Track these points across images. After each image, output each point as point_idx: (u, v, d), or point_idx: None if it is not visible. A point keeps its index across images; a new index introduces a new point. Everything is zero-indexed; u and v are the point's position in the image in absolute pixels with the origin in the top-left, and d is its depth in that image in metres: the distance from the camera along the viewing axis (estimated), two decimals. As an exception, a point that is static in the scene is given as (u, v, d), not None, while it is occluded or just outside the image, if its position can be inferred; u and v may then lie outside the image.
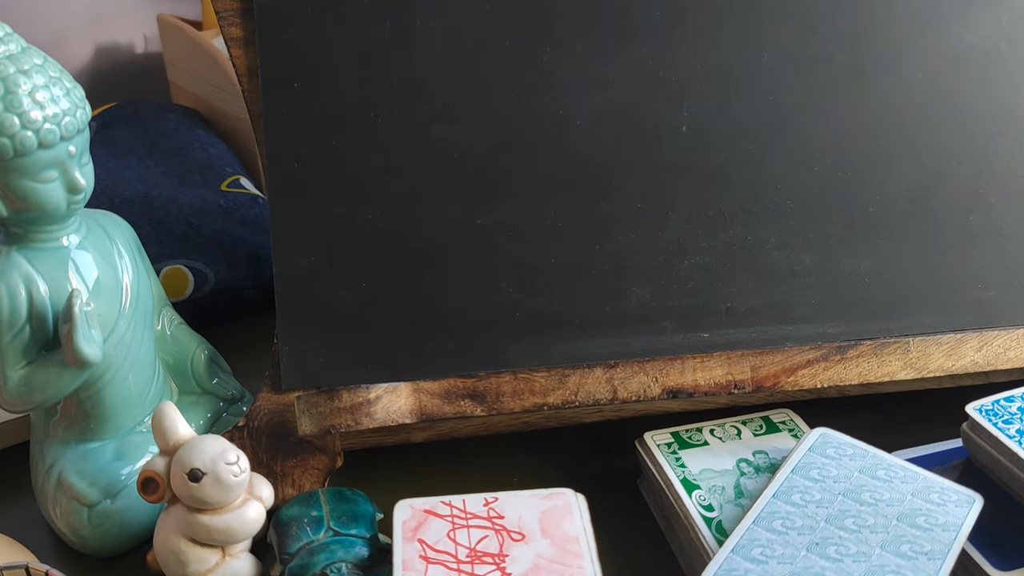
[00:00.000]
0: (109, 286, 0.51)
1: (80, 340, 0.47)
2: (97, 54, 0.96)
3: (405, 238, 0.50)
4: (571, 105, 0.51)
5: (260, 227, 0.70)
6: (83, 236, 0.51)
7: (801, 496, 0.47)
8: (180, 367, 0.57)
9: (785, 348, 0.52)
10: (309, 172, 0.50)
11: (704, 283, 0.52)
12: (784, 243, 0.52)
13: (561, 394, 0.51)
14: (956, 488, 0.47)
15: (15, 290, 0.48)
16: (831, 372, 0.52)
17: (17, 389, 0.49)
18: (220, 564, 0.47)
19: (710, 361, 0.52)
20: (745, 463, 0.51)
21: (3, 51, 0.46)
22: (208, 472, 0.45)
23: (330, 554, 0.46)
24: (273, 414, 0.51)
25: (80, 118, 0.48)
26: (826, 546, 0.44)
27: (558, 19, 0.50)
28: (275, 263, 0.50)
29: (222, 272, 0.68)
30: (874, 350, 0.53)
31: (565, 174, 0.51)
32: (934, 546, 0.44)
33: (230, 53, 0.50)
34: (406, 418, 0.50)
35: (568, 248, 0.51)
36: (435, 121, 0.50)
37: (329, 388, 0.49)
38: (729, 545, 0.44)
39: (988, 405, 0.50)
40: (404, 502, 0.46)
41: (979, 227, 0.54)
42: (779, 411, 0.55)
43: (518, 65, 0.50)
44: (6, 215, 0.48)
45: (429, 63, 0.50)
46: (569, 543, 0.44)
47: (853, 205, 0.53)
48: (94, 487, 0.50)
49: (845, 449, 0.50)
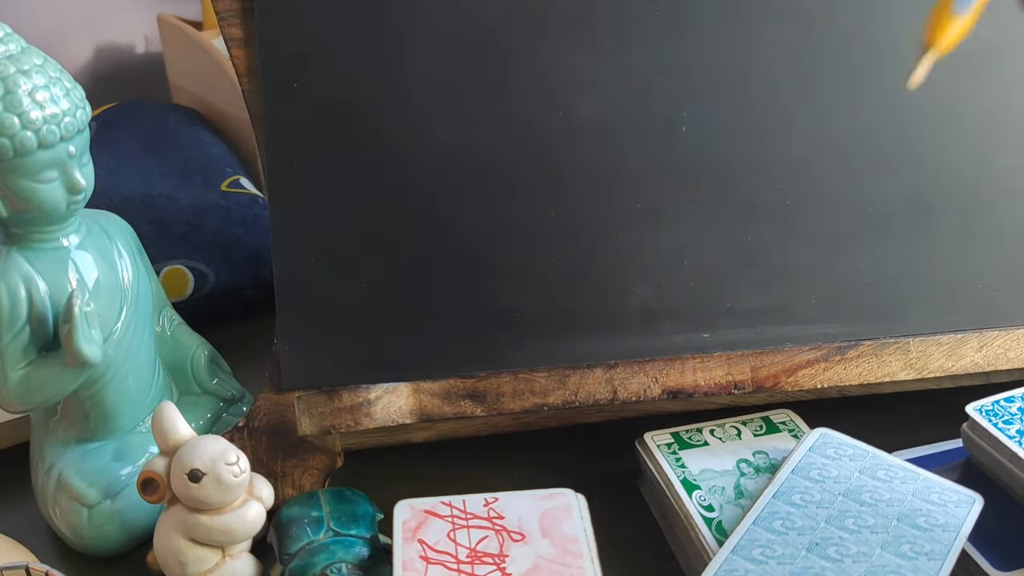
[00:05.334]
0: (109, 286, 0.51)
1: (80, 340, 0.47)
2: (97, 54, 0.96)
3: (405, 238, 0.50)
4: (571, 105, 0.51)
5: (260, 227, 0.70)
6: (83, 236, 0.51)
7: (801, 496, 0.47)
8: (180, 367, 0.57)
9: (785, 348, 0.52)
10: (309, 172, 0.50)
11: (704, 283, 0.52)
12: (784, 243, 0.52)
13: (561, 394, 0.51)
14: (956, 488, 0.47)
15: (15, 290, 0.48)
16: (831, 372, 0.52)
17: (17, 389, 0.49)
18: (220, 564, 0.47)
19: (710, 361, 0.52)
20: (745, 463, 0.51)
21: (3, 51, 0.46)
22: (208, 472, 0.45)
23: (330, 554, 0.46)
24: (273, 414, 0.51)
25: (80, 118, 0.48)
26: (826, 546, 0.44)
27: (558, 19, 0.50)
28: (275, 263, 0.50)
29: (222, 272, 0.68)
30: (874, 350, 0.53)
31: (565, 174, 0.51)
32: (934, 546, 0.44)
33: (230, 53, 0.50)
34: (406, 418, 0.50)
35: (568, 248, 0.51)
36: (435, 121, 0.50)
37: (329, 388, 0.49)
38: (729, 545, 0.44)
39: (988, 405, 0.50)
40: (404, 502, 0.46)
41: (979, 227, 0.54)
42: (779, 411, 0.55)
43: (518, 65, 0.50)
44: (6, 215, 0.48)
45: (429, 63, 0.50)
46: (569, 543, 0.44)
47: (853, 205, 0.53)
48: (94, 487, 0.50)
49: (845, 449, 0.50)
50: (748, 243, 0.52)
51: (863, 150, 0.52)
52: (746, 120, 0.52)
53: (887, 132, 0.53)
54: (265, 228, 0.70)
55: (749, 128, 0.52)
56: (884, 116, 0.53)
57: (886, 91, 0.52)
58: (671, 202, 0.51)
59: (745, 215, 0.52)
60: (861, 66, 0.52)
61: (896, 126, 0.53)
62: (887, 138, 0.53)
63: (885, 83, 0.52)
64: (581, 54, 0.50)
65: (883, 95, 0.52)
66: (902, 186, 0.53)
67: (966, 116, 0.53)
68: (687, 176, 0.51)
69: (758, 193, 0.52)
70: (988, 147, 0.53)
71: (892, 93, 0.52)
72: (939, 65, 0.51)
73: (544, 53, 0.50)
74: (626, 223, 0.51)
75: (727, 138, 0.52)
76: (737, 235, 0.52)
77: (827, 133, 0.52)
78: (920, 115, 0.53)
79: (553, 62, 0.50)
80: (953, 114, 0.53)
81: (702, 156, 0.51)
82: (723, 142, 0.52)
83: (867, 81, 0.52)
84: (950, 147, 0.53)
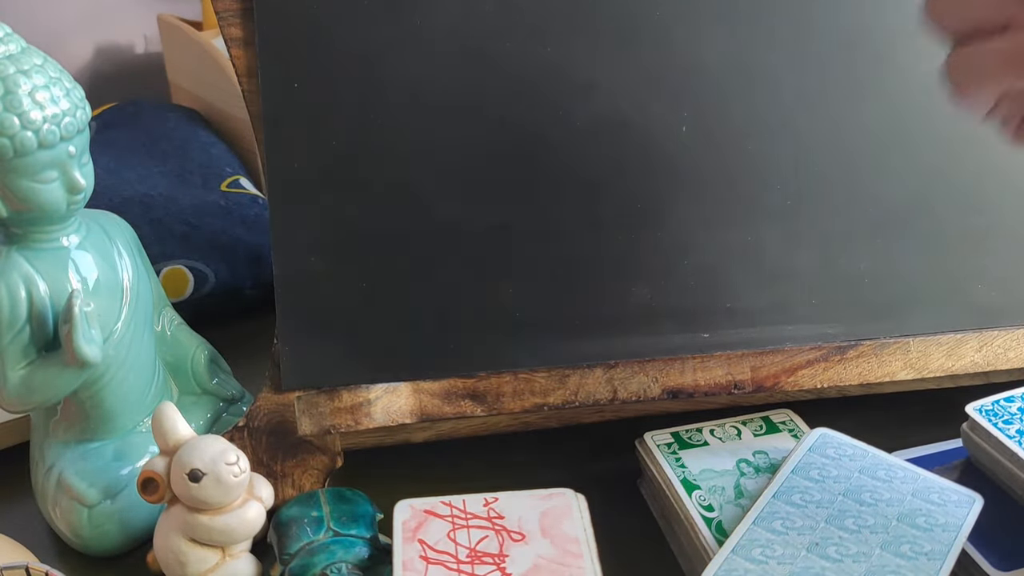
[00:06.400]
0: (109, 286, 0.51)
1: (80, 340, 0.47)
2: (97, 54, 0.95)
3: (405, 238, 0.50)
4: (571, 105, 0.50)
5: (260, 227, 0.70)
6: (83, 236, 0.51)
7: (801, 496, 0.47)
8: (180, 367, 0.57)
9: (785, 348, 0.52)
10: (309, 172, 0.49)
11: (704, 283, 0.52)
12: (784, 243, 0.52)
13: (561, 394, 0.51)
14: (956, 488, 0.47)
15: (15, 290, 0.48)
16: (831, 372, 0.52)
17: (17, 389, 0.49)
18: (220, 564, 0.47)
19: (710, 361, 0.52)
20: (745, 463, 0.51)
21: (3, 51, 0.46)
22: (208, 472, 0.45)
23: (330, 554, 0.46)
24: (273, 414, 0.51)
25: (80, 118, 0.48)
26: (826, 546, 0.44)
27: (558, 19, 0.50)
28: (275, 263, 0.50)
29: (222, 272, 0.68)
30: (874, 350, 0.53)
31: (565, 174, 0.51)
32: (934, 546, 0.44)
33: (230, 53, 0.50)
34: (406, 418, 0.50)
35: (568, 248, 0.51)
36: (435, 121, 0.50)
37: (329, 388, 0.49)
38: (729, 545, 0.44)
39: (988, 405, 0.50)
40: (404, 502, 0.46)
41: (979, 227, 0.54)
42: (779, 411, 0.55)
43: (518, 65, 0.50)
44: (6, 215, 0.48)
45: (429, 63, 0.50)
46: (569, 543, 0.44)
47: (853, 205, 0.53)
48: (94, 487, 0.50)
49: (845, 449, 0.50)
50: (748, 243, 0.52)
51: (863, 150, 0.52)
52: (746, 120, 0.52)
53: (887, 132, 0.53)
54: (265, 228, 0.70)
55: (749, 128, 0.52)
56: (884, 116, 0.53)
57: (886, 91, 0.52)
58: (671, 202, 0.51)
59: (745, 215, 0.52)
60: (861, 66, 0.52)
61: (896, 126, 0.53)
62: (887, 138, 0.53)
63: (885, 83, 0.52)
64: (581, 54, 0.50)
65: (883, 95, 0.52)
66: (902, 186, 0.53)
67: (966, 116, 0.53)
68: (687, 176, 0.51)
69: (758, 193, 0.52)
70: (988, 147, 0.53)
71: (892, 93, 0.52)
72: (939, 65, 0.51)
73: (544, 53, 0.50)
74: (626, 223, 0.51)
75: (727, 138, 0.52)
76: (737, 235, 0.52)
77: (827, 133, 0.52)
78: (920, 115, 0.53)
79: (553, 62, 0.50)
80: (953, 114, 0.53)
81: (702, 156, 0.51)
82: (723, 142, 0.52)
83: (867, 81, 0.52)
84: (950, 147, 0.53)
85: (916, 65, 0.53)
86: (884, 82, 0.52)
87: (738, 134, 0.52)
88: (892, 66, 0.52)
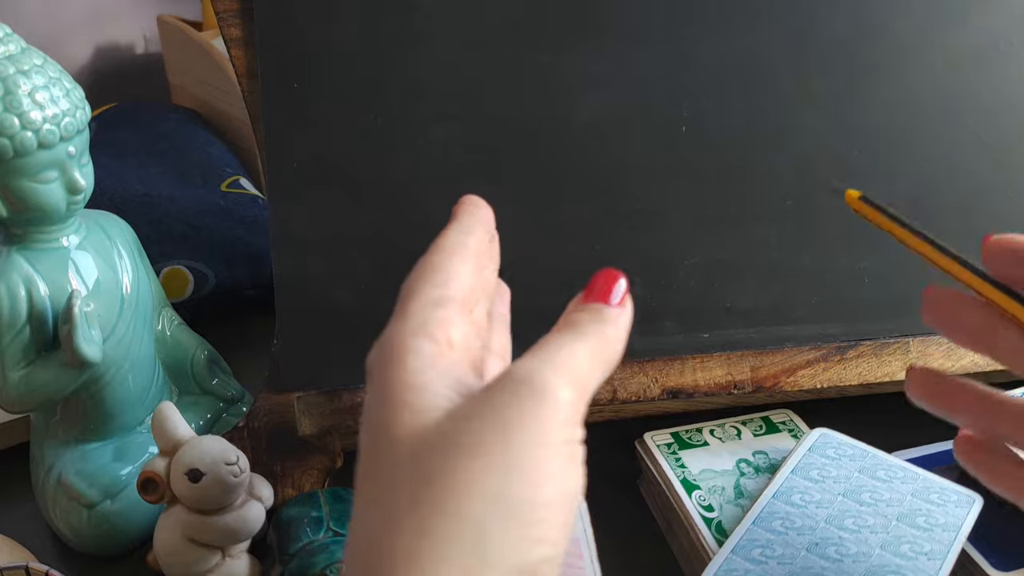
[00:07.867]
0: (109, 286, 0.51)
1: (80, 340, 0.47)
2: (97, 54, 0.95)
3: (405, 238, 0.50)
4: (571, 105, 0.50)
5: (260, 227, 0.70)
6: (83, 237, 0.51)
7: (801, 496, 0.47)
8: (180, 367, 0.57)
9: (785, 348, 0.52)
10: (309, 173, 0.50)
11: (704, 283, 0.52)
12: (784, 243, 0.52)
13: (561, 394, 0.51)
14: (956, 488, 0.47)
15: (15, 291, 0.48)
16: (831, 372, 0.52)
17: (17, 390, 0.49)
18: (220, 564, 0.47)
19: (710, 361, 0.52)
20: (745, 463, 0.51)
21: (3, 51, 0.46)
22: (208, 472, 0.45)
23: (330, 554, 0.46)
24: (273, 414, 0.51)
25: (80, 119, 0.48)
26: (826, 546, 0.44)
27: (558, 19, 0.50)
28: (275, 263, 0.50)
29: (222, 272, 0.68)
30: (874, 350, 0.53)
31: (565, 174, 0.51)
32: (934, 546, 0.44)
33: (230, 53, 0.50)
34: (406, 418, 0.50)
35: (568, 248, 0.51)
36: (435, 121, 0.50)
37: (329, 388, 0.49)
38: (729, 545, 0.44)
39: (988, 405, 0.50)
40: (404, 502, 0.46)
41: (979, 227, 0.54)
42: (779, 411, 0.55)
43: (518, 65, 0.50)
44: (6, 216, 0.48)
45: (429, 63, 0.50)
46: (569, 543, 0.44)
47: (853, 205, 0.52)
48: (94, 487, 0.50)
49: (845, 449, 0.50)
50: (748, 243, 0.52)
51: (863, 150, 0.52)
52: (746, 119, 0.52)
53: (887, 131, 0.53)
54: (265, 228, 0.70)
55: (749, 127, 0.52)
56: (884, 115, 0.53)
57: (886, 91, 0.52)
58: (671, 202, 0.51)
59: (745, 215, 0.52)
60: (861, 66, 0.52)
61: (896, 125, 0.53)
62: (887, 138, 0.53)
63: (885, 83, 0.52)
64: (581, 54, 0.50)
65: (883, 95, 0.52)
66: (902, 186, 0.53)
67: (966, 115, 0.53)
68: (687, 176, 0.51)
69: (758, 193, 0.52)
70: (988, 146, 0.53)
71: (892, 92, 0.52)
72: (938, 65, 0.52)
73: (544, 53, 0.50)
74: (626, 223, 0.51)
75: (727, 138, 0.52)
76: (737, 235, 0.52)
77: (827, 133, 0.52)
78: (920, 114, 0.53)
79: (553, 62, 0.50)
80: (953, 114, 0.53)
81: (702, 156, 0.51)
82: (723, 142, 0.52)
83: (867, 81, 0.52)
84: (950, 147, 0.53)
85: (916, 65, 0.53)
86: (883, 82, 0.52)
87: (738, 134, 0.52)
88: (892, 66, 0.52)
